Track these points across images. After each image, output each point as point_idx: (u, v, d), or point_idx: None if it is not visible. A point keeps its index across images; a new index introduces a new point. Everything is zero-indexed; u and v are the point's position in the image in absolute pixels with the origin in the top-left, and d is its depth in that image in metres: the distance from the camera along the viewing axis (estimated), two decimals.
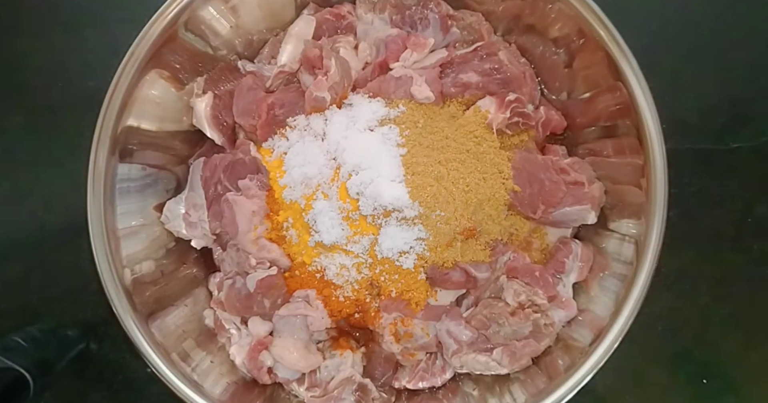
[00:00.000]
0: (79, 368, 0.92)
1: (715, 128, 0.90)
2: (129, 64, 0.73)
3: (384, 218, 0.74)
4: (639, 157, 0.72)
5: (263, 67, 0.84)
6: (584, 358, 0.70)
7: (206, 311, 0.83)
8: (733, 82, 0.91)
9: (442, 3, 0.80)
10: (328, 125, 0.77)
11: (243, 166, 0.79)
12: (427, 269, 0.77)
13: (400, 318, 0.78)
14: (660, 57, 0.90)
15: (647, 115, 0.70)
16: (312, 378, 0.79)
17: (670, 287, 0.89)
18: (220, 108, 0.82)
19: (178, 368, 0.73)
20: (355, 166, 0.74)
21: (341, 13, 0.82)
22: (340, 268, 0.77)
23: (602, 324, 0.71)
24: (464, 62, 0.80)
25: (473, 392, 0.79)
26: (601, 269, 0.77)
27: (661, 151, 0.69)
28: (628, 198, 0.75)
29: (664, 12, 0.91)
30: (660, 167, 0.69)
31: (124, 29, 0.89)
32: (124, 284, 0.73)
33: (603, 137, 0.78)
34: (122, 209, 0.76)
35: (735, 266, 0.90)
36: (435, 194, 0.74)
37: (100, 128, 0.73)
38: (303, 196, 0.77)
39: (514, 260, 0.78)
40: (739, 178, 0.90)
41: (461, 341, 0.77)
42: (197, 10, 0.75)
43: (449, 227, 0.74)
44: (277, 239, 0.79)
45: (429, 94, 0.76)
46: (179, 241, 0.83)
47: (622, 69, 0.70)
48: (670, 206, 0.70)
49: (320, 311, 0.77)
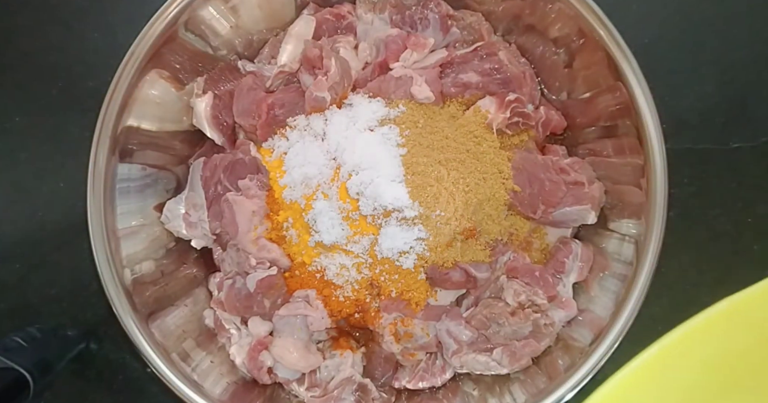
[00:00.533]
0: (79, 368, 0.91)
1: (715, 128, 0.90)
2: (129, 64, 0.73)
3: (384, 218, 0.74)
4: (639, 157, 0.71)
5: (263, 67, 0.84)
6: (584, 358, 0.70)
7: (206, 311, 0.83)
8: (733, 82, 0.91)
9: (442, 3, 0.80)
10: (328, 125, 0.77)
11: (243, 166, 0.79)
12: (427, 269, 0.77)
13: (400, 318, 0.78)
14: (660, 57, 0.90)
15: (647, 115, 0.70)
16: (312, 378, 0.79)
17: (670, 287, 0.89)
18: (220, 108, 0.82)
19: (178, 368, 0.73)
20: (355, 166, 0.74)
21: (341, 13, 0.82)
22: (340, 268, 0.77)
23: (602, 324, 0.71)
24: (464, 62, 0.80)
25: (473, 392, 0.79)
26: (601, 269, 0.77)
27: (661, 151, 0.69)
28: (628, 198, 0.75)
29: (664, 12, 0.91)
30: (660, 167, 0.69)
31: (124, 29, 0.90)
32: (124, 284, 0.73)
33: (603, 137, 0.78)
34: (122, 209, 0.76)
35: (735, 266, 0.90)
36: (435, 194, 0.74)
37: (100, 128, 0.73)
38: (303, 196, 0.77)
39: (514, 260, 0.78)
40: (739, 178, 0.90)
41: (461, 341, 0.77)
42: (197, 10, 0.75)
43: (449, 227, 0.74)
44: (277, 239, 0.79)
45: (429, 94, 0.76)
46: (179, 241, 0.83)
47: (622, 69, 0.70)
48: (670, 206, 0.70)
49: (320, 311, 0.77)
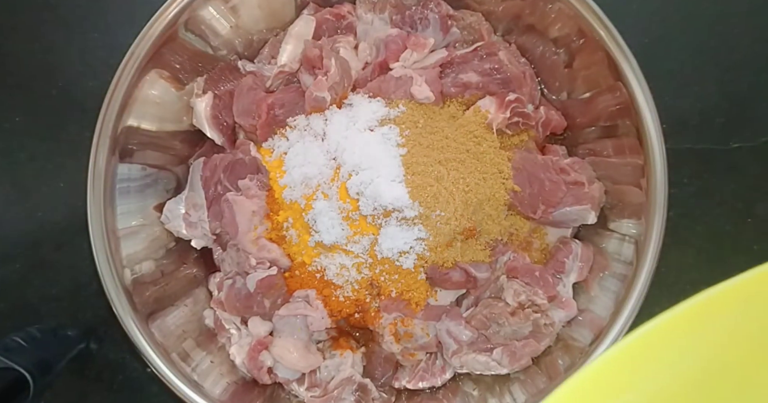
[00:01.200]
0: (79, 368, 0.92)
1: (715, 128, 0.90)
2: (129, 64, 0.73)
3: (384, 218, 0.74)
4: (639, 157, 0.71)
5: (263, 67, 0.84)
6: (584, 358, 0.70)
7: (206, 311, 0.83)
8: (733, 82, 0.91)
9: (442, 3, 0.80)
10: (328, 125, 0.77)
11: (243, 166, 0.79)
12: (427, 269, 0.77)
13: (400, 318, 0.78)
14: (660, 57, 0.90)
15: (647, 115, 0.70)
16: (312, 378, 0.79)
17: (670, 287, 0.89)
18: (220, 108, 0.82)
19: (178, 368, 0.73)
20: (355, 166, 0.74)
21: (341, 13, 0.82)
22: (340, 268, 0.77)
23: (602, 324, 0.71)
24: (464, 62, 0.80)
25: (473, 392, 0.79)
26: (601, 269, 0.77)
27: (661, 151, 0.69)
28: (628, 198, 0.75)
29: (664, 12, 0.91)
30: (660, 167, 0.69)
31: (124, 29, 0.90)
32: (124, 284, 0.73)
33: (603, 137, 0.78)
34: (122, 209, 0.76)
35: (735, 266, 0.89)
36: (435, 194, 0.73)
37: (100, 128, 0.73)
38: (303, 197, 0.77)
39: (514, 260, 0.78)
40: (739, 178, 0.90)
41: (461, 341, 0.77)
42: (197, 10, 0.75)
43: (449, 227, 0.74)
44: (277, 239, 0.79)
45: (429, 94, 0.76)
46: (179, 241, 0.83)
47: (622, 69, 0.70)
48: (670, 206, 0.70)
49: (320, 311, 0.77)
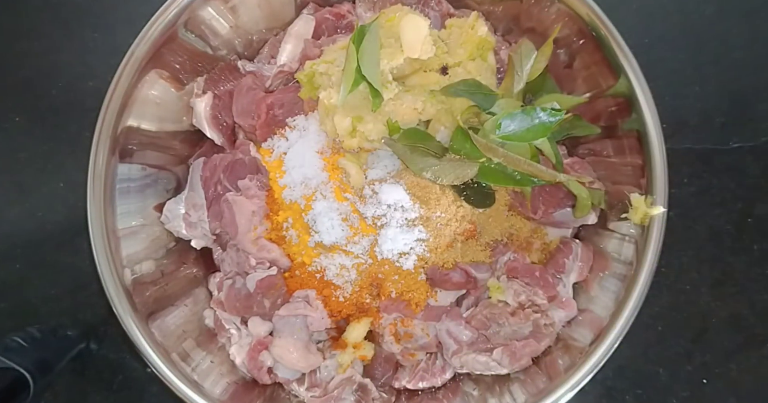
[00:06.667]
0: (79, 368, 0.92)
1: (715, 128, 0.90)
2: (129, 64, 0.73)
3: (384, 219, 0.74)
4: (639, 157, 0.72)
5: (263, 67, 0.84)
6: (584, 358, 0.70)
7: (206, 311, 0.83)
8: (733, 82, 0.91)
9: (442, 2, 0.80)
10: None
11: (243, 167, 0.79)
12: (427, 269, 0.77)
13: (400, 318, 0.78)
14: (660, 57, 0.90)
15: (647, 115, 0.70)
16: (312, 378, 0.79)
17: (670, 287, 0.89)
18: (220, 108, 0.82)
19: (178, 368, 0.73)
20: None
21: (341, 12, 0.82)
22: (340, 268, 0.77)
23: (602, 324, 0.71)
24: None
25: (473, 392, 0.79)
26: (601, 269, 0.77)
27: (661, 151, 0.69)
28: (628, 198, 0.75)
29: (664, 12, 0.91)
30: (660, 167, 0.69)
31: (124, 29, 0.90)
32: (124, 284, 0.73)
33: (603, 137, 0.78)
34: (122, 209, 0.76)
35: (735, 266, 0.90)
36: (436, 195, 0.73)
37: (100, 128, 0.73)
38: (303, 197, 0.76)
39: (514, 260, 0.78)
40: (739, 178, 0.90)
41: (461, 341, 0.77)
42: (197, 10, 0.75)
43: (449, 228, 0.74)
44: (277, 239, 0.79)
45: None
46: (179, 241, 0.83)
47: (622, 69, 0.70)
48: (670, 206, 0.70)
49: (320, 311, 0.77)
